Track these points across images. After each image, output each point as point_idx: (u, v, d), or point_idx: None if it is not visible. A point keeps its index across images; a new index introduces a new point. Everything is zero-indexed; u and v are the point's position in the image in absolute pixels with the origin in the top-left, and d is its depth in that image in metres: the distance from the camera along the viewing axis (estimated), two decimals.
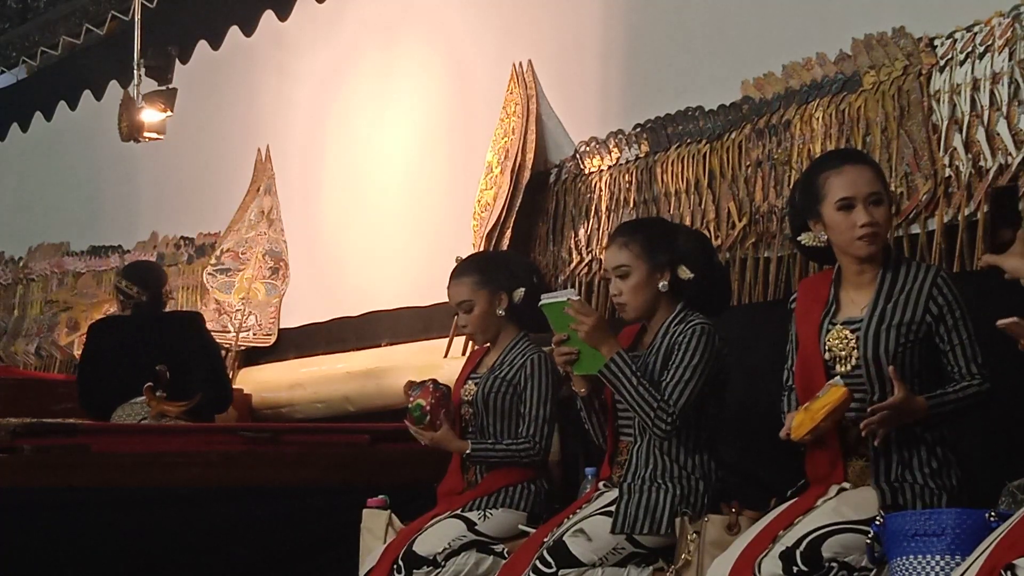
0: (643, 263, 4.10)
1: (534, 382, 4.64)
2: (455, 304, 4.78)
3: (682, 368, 3.96)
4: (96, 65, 9.09)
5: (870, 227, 3.50)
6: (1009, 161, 4.31)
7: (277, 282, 7.44)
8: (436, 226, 6.67)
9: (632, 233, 4.16)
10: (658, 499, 3.95)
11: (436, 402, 4.64)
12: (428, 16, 6.93)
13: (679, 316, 4.08)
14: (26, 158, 10.07)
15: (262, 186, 7.78)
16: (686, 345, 3.99)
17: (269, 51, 8.00)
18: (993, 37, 4.37)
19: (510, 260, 5.00)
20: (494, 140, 6.22)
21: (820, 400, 3.42)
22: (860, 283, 3.56)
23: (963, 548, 3.05)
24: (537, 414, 4.62)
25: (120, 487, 5.20)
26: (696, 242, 4.23)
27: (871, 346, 3.46)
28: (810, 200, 3.58)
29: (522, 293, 4.73)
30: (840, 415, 3.43)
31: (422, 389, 4.67)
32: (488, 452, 4.62)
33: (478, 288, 4.73)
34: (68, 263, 9.41)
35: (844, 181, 3.53)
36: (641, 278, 4.10)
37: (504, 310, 4.73)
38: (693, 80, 5.50)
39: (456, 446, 4.65)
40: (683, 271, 4.11)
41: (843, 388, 3.41)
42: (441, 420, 4.64)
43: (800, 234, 3.65)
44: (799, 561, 3.32)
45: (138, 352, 6.14)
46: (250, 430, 5.76)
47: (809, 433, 3.42)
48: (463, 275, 4.78)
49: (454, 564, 4.46)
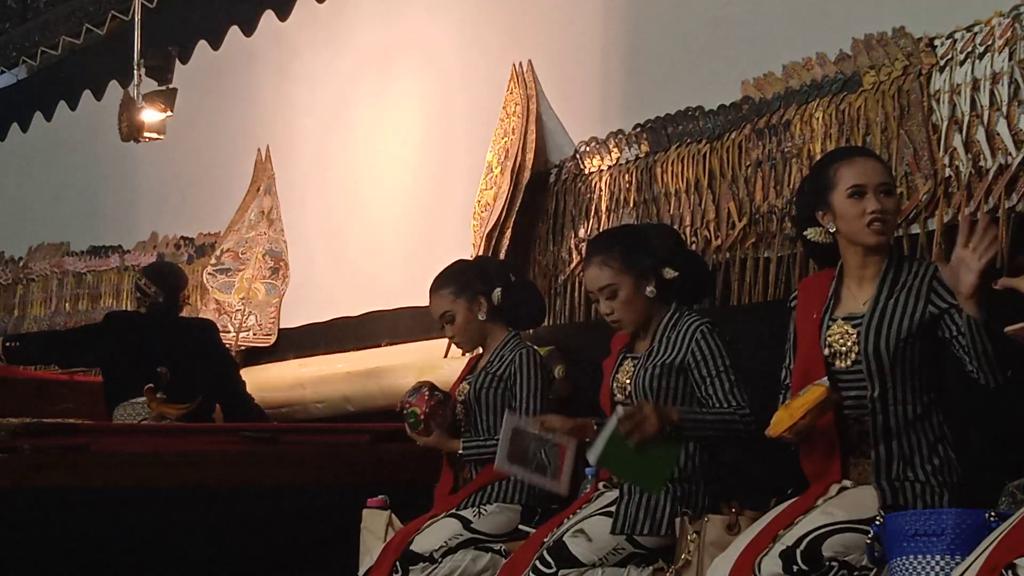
0: (627, 276, 4.09)
1: (522, 375, 4.70)
2: (437, 317, 4.89)
3: (722, 375, 3.97)
4: (96, 65, 9.10)
5: (880, 214, 3.50)
6: (1009, 161, 4.31)
7: (277, 282, 7.44)
8: (436, 226, 6.67)
9: (608, 249, 4.13)
10: (658, 500, 3.96)
11: (431, 409, 4.74)
12: (428, 16, 6.93)
13: (674, 317, 4.08)
14: (26, 158, 10.07)
15: (262, 186, 7.78)
16: (708, 352, 3.99)
17: (269, 51, 8.00)
18: (993, 37, 4.37)
19: (483, 264, 5.08)
20: (494, 140, 6.22)
21: (800, 399, 3.43)
22: (863, 277, 3.55)
23: (963, 548, 3.05)
24: (528, 407, 4.65)
25: (120, 487, 5.20)
26: (668, 238, 4.24)
27: (872, 341, 3.46)
28: (820, 189, 3.58)
29: (499, 293, 4.81)
30: (821, 414, 3.43)
31: (418, 395, 4.77)
32: (479, 449, 4.67)
33: (456, 297, 4.83)
34: (68, 263, 9.41)
35: (856, 170, 3.54)
36: (629, 292, 4.09)
37: (485, 314, 4.81)
38: (693, 80, 5.50)
39: (449, 446, 4.74)
40: (667, 272, 4.11)
41: (823, 387, 3.41)
42: (434, 426, 4.72)
43: (806, 229, 3.65)
44: (799, 560, 3.32)
45: (146, 352, 6.16)
46: (250, 430, 5.76)
47: (787, 431, 3.42)
48: (440, 288, 4.87)
49: (451, 561, 4.47)
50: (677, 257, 4.15)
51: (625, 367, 4.17)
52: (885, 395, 3.45)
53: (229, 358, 6.68)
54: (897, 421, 3.45)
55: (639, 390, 4.06)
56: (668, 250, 4.14)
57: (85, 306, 9.19)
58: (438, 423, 4.73)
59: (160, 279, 6.45)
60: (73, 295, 9.33)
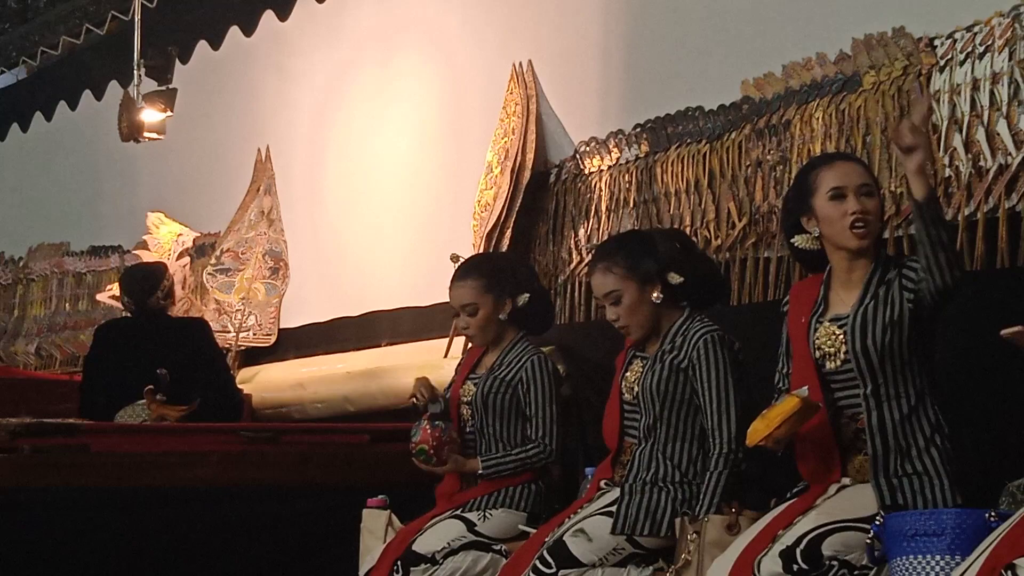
0: (631, 282, 4.07)
1: (536, 383, 4.61)
2: (458, 306, 4.71)
3: (716, 400, 3.95)
4: (96, 65, 9.09)
5: (862, 215, 3.51)
6: (1009, 161, 4.31)
7: (277, 282, 7.43)
8: (436, 226, 6.67)
9: (612, 255, 4.12)
10: (659, 501, 3.95)
11: (437, 441, 4.61)
12: (428, 16, 6.94)
13: (686, 322, 4.07)
14: (26, 158, 10.07)
15: (262, 186, 7.77)
16: (707, 363, 3.98)
17: (269, 51, 8.00)
18: (993, 37, 4.37)
19: (515, 264, 4.95)
20: (494, 140, 6.22)
21: (775, 408, 3.44)
22: (850, 281, 3.56)
23: (963, 548, 3.05)
24: (544, 415, 4.59)
25: (120, 487, 5.20)
26: (675, 242, 4.20)
27: (858, 339, 3.47)
28: (802, 195, 3.60)
29: (527, 299, 4.70)
30: (799, 424, 3.43)
31: (420, 432, 4.64)
32: (501, 466, 4.58)
33: (484, 292, 4.67)
34: (68, 263, 9.40)
35: (835, 173, 3.57)
36: (634, 298, 4.07)
37: (507, 315, 4.70)
38: (693, 80, 5.50)
39: (467, 468, 4.63)
40: (672, 277, 4.08)
41: (798, 399, 3.41)
42: (446, 454, 4.61)
43: (793, 236, 3.66)
44: (799, 560, 3.33)
45: (138, 355, 6.14)
46: (250, 430, 5.76)
47: (763, 440, 3.43)
48: (468, 277, 4.71)
49: (452, 562, 4.46)
50: (684, 261, 4.12)
51: (634, 367, 4.17)
52: (877, 391, 3.46)
53: (218, 355, 6.62)
54: (891, 416, 3.45)
55: (646, 391, 4.06)
56: (674, 254, 4.11)
57: (85, 306, 9.19)
58: (451, 448, 4.63)
59: (126, 287, 6.40)
60: (73, 295, 9.33)
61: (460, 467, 4.63)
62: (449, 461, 4.60)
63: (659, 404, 4.02)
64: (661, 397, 4.01)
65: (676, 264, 4.09)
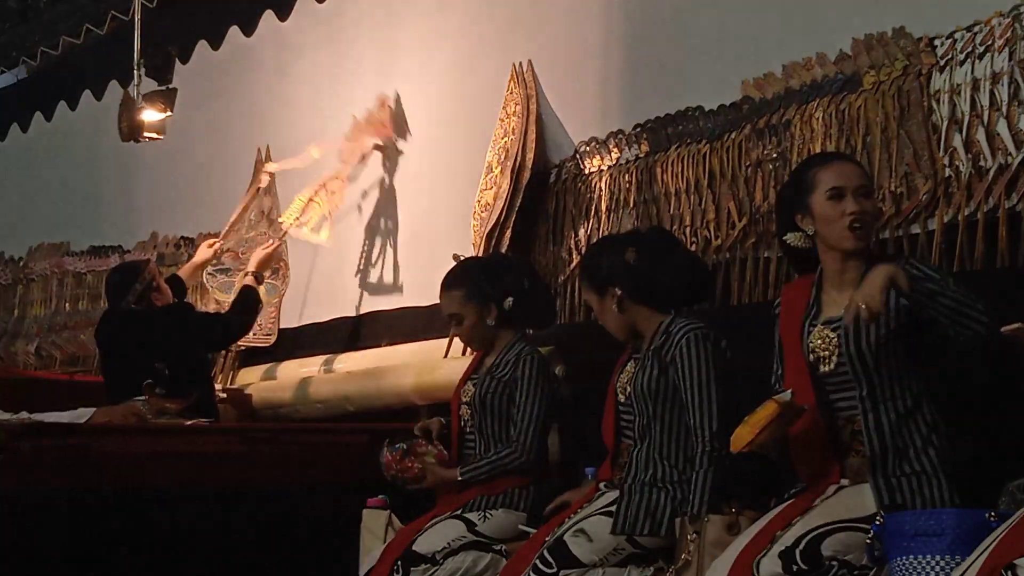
0: (592, 294, 4.23)
1: (524, 383, 4.65)
2: (446, 315, 4.84)
3: (698, 398, 3.98)
4: (96, 65, 9.08)
5: (859, 216, 3.51)
6: (1009, 161, 4.31)
7: (277, 282, 7.41)
8: (436, 226, 6.66)
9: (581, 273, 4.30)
10: (659, 501, 3.96)
11: (399, 464, 4.73)
12: (428, 16, 6.93)
13: (672, 321, 4.10)
14: (26, 158, 10.07)
15: (262, 186, 7.76)
16: (689, 361, 4.02)
17: (269, 51, 7.99)
18: (993, 37, 4.37)
19: (500, 266, 4.96)
20: (494, 140, 6.22)
21: (757, 414, 3.44)
22: (842, 283, 3.56)
23: (963, 548, 3.05)
24: (524, 416, 4.62)
25: (120, 487, 5.20)
26: (658, 239, 4.32)
27: (853, 342, 3.46)
28: (799, 193, 3.60)
29: (511, 302, 4.74)
30: (782, 428, 3.43)
31: (384, 462, 4.77)
32: (477, 471, 4.64)
33: (465, 302, 4.76)
34: (68, 263, 9.39)
35: (834, 172, 3.58)
36: (603, 307, 4.21)
37: (495, 320, 4.74)
38: (693, 80, 5.50)
39: (447, 476, 4.68)
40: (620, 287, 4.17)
41: (776, 404, 3.41)
42: (417, 469, 4.71)
43: (785, 234, 3.66)
44: (799, 560, 3.33)
45: (128, 351, 6.18)
46: (250, 430, 5.76)
47: (747, 446, 3.43)
48: (451, 287, 4.81)
49: (452, 562, 4.46)
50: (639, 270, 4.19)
51: (628, 368, 4.19)
52: (874, 393, 3.46)
53: (210, 318, 6.71)
54: (888, 417, 3.46)
55: (638, 391, 4.07)
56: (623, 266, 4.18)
57: (85, 306, 9.17)
58: (424, 464, 4.71)
59: (107, 289, 6.50)
60: (73, 295, 9.32)
61: (440, 477, 4.68)
62: (428, 475, 4.66)
63: (651, 403, 4.04)
64: (652, 396, 4.03)
65: (627, 275, 4.14)
